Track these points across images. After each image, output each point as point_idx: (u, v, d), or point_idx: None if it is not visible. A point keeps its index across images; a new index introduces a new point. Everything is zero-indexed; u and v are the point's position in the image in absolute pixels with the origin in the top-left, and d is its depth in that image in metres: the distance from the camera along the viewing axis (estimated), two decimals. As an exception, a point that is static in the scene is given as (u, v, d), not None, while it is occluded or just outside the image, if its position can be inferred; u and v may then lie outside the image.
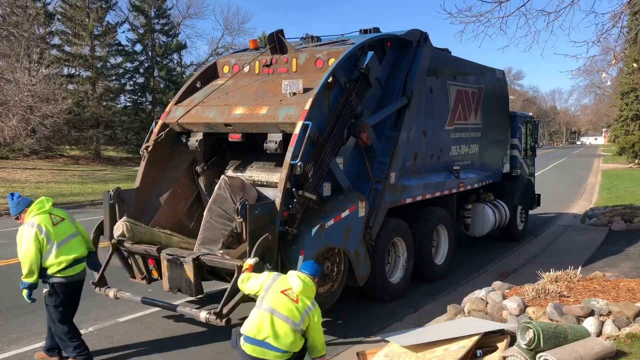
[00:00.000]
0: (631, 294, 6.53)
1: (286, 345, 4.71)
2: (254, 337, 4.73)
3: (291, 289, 4.88)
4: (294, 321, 4.75)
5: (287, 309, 4.76)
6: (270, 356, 4.70)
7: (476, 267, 10.35)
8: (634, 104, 46.54)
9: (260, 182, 7.63)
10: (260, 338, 4.71)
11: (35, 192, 22.79)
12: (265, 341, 4.70)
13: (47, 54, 34.67)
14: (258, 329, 4.73)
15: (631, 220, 13.56)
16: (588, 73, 42.31)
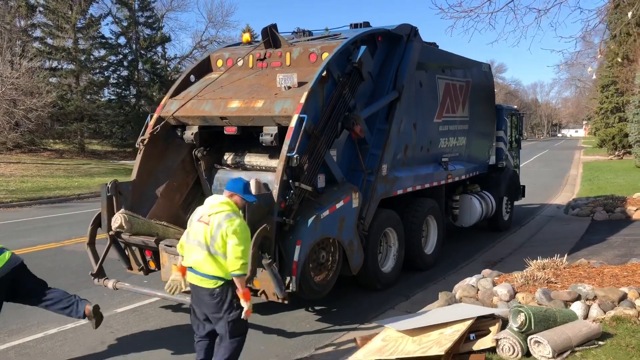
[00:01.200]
0: (615, 280, 6.81)
1: (209, 271, 4.79)
2: (188, 265, 4.96)
3: (204, 214, 4.95)
4: (206, 244, 4.79)
5: (198, 234, 4.86)
6: (200, 282, 4.85)
7: (464, 257, 10.61)
8: (613, 97, 47.36)
9: (259, 167, 7.80)
10: (189, 265, 4.95)
11: (20, 186, 22.71)
12: (192, 268, 4.90)
13: (29, 46, 34.28)
14: (188, 259, 4.96)
15: (613, 210, 13.92)
16: (570, 66, 42.91)
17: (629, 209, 13.73)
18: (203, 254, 4.82)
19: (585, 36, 7.98)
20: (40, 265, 10.02)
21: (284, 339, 6.54)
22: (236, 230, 4.77)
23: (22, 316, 7.38)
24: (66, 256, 10.74)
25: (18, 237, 12.74)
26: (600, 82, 48.75)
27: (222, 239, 4.75)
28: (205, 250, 4.81)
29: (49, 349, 6.32)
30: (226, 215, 4.85)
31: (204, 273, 4.83)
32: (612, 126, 45.47)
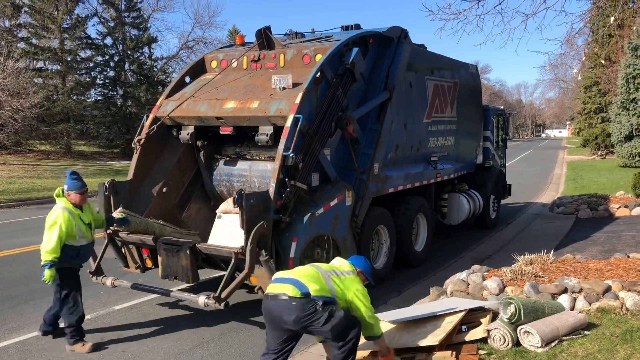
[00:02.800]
0: (600, 273, 7.07)
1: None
2: None
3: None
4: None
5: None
6: None
7: (453, 254, 10.83)
8: (596, 97, 48.11)
9: (259, 157, 7.99)
10: None
11: (8, 187, 22.61)
12: None
13: (15, 47, 34.04)
14: None
15: (596, 208, 14.24)
16: (555, 67, 43.46)
17: (611, 207, 14.07)
18: None
19: (569, 39, 8.23)
20: (34, 265, 10.04)
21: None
22: None
23: (20, 314, 7.48)
24: (60, 256, 10.77)
25: (9, 238, 12.77)
26: (583, 83, 49.48)
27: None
28: None
29: (49, 346, 6.41)
30: None
31: None
32: (595, 126, 46.17)
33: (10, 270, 9.77)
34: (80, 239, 6.26)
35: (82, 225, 6.23)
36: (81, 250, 6.34)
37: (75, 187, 6.24)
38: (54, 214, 6.11)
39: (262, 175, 7.83)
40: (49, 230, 6.06)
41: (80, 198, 6.25)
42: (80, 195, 6.25)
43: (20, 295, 8.28)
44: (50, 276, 6.07)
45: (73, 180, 6.26)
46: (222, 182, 8.31)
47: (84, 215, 6.32)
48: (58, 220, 6.04)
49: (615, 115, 29.44)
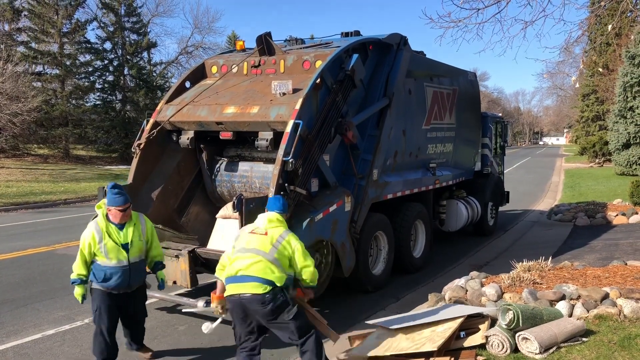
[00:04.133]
0: (597, 280, 7.09)
1: (262, 274, 4.85)
2: (232, 275, 4.96)
3: (258, 227, 5.15)
4: (265, 252, 4.91)
5: (257, 243, 4.98)
6: (246, 288, 4.84)
7: (451, 260, 10.85)
8: (594, 106, 48.26)
9: (259, 158, 8.05)
10: (235, 274, 4.94)
11: (5, 190, 22.60)
12: (239, 275, 4.90)
13: (14, 51, 34.09)
14: (235, 268, 4.96)
15: (594, 216, 14.28)
16: (552, 75, 43.61)
17: (609, 215, 14.11)
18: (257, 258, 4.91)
19: (568, 47, 8.29)
20: (33, 268, 10.13)
21: (278, 338, 6.68)
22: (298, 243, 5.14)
23: (18, 318, 7.47)
24: (58, 259, 10.79)
25: (8, 242, 12.75)
26: (581, 91, 49.64)
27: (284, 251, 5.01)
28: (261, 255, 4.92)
29: (48, 349, 6.40)
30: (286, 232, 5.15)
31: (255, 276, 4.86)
32: (592, 134, 46.32)
33: (9, 274, 9.76)
34: (108, 259, 5.51)
35: (110, 244, 5.48)
36: (108, 272, 5.52)
37: (115, 202, 5.53)
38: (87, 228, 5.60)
39: (263, 177, 7.86)
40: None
41: (120, 215, 5.54)
42: (121, 212, 5.53)
43: (19, 299, 8.27)
44: (77, 294, 5.63)
45: (114, 195, 5.55)
46: (223, 183, 8.34)
47: (122, 234, 5.57)
48: (85, 235, 5.56)
49: (613, 124, 29.53)
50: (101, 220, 5.57)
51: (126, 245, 5.57)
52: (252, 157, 8.18)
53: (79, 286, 5.60)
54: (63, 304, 8.02)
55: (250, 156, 8.20)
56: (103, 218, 5.58)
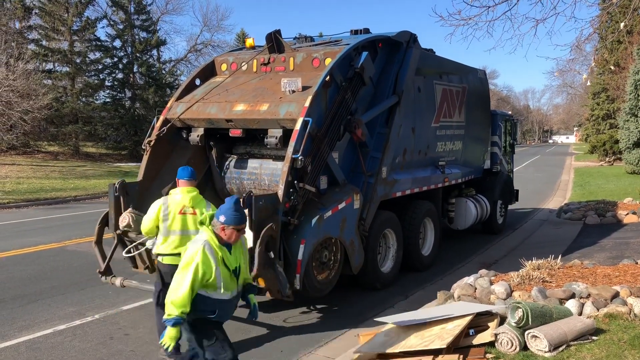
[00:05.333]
0: (608, 279, 7.06)
1: None
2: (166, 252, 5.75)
3: (185, 206, 5.80)
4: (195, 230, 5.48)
5: (191, 224, 5.77)
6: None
7: (460, 258, 10.83)
8: (604, 104, 47.93)
9: (269, 155, 8.09)
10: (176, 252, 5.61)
11: (16, 187, 22.78)
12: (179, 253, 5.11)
13: (25, 48, 34.31)
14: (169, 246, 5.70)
15: (604, 214, 14.20)
16: (562, 73, 43.43)
17: (619, 213, 14.02)
18: None
19: (579, 44, 8.25)
20: (44, 264, 10.22)
21: (288, 335, 6.73)
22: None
23: (29, 313, 7.54)
24: (69, 256, 10.88)
25: (19, 238, 12.87)
26: (591, 89, 49.32)
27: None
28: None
29: (59, 344, 6.46)
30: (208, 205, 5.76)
31: None
32: (602, 133, 46.02)
33: (20, 269, 9.85)
34: (221, 290, 4.35)
35: (224, 272, 4.36)
36: (219, 307, 4.40)
37: (235, 220, 4.38)
38: (191, 249, 4.32)
39: (272, 174, 7.89)
40: (181, 271, 4.26)
41: (236, 235, 4.43)
42: (238, 232, 4.44)
43: (30, 295, 8.35)
44: (171, 338, 4.21)
45: (235, 213, 4.40)
46: (232, 180, 8.38)
47: (231, 258, 4.44)
48: (195, 259, 4.23)
49: (624, 122, 29.33)
50: (214, 240, 4.36)
51: (236, 272, 4.52)
52: (262, 155, 8.21)
53: (177, 328, 4.24)
54: (74, 300, 8.09)
55: (260, 153, 8.23)
56: (214, 237, 4.38)
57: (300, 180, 6.80)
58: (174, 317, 4.16)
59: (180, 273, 4.21)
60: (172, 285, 4.23)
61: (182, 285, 4.16)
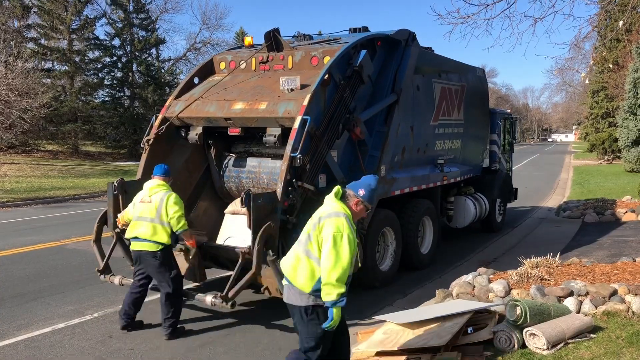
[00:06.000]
0: (606, 277, 7.08)
1: (157, 239, 6.34)
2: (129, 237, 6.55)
3: (145, 195, 6.50)
4: (152, 218, 6.35)
5: (145, 211, 6.42)
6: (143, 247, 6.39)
7: (459, 257, 10.84)
8: (603, 102, 47.82)
9: (267, 154, 8.08)
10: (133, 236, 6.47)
11: (16, 186, 22.76)
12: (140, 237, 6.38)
13: (23, 47, 34.27)
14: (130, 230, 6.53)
15: (603, 212, 14.22)
16: (561, 72, 43.42)
17: (618, 212, 14.04)
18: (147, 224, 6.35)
19: (577, 43, 8.25)
20: (43, 263, 10.22)
21: (287, 333, 6.73)
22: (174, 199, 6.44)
23: (29, 311, 7.54)
24: (68, 254, 10.88)
25: (18, 236, 12.86)
26: (590, 88, 49.21)
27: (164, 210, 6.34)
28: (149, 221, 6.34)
29: (58, 342, 6.46)
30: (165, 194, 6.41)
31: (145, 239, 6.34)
32: (601, 131, 45.94)
33: (19, 268, 9.85)
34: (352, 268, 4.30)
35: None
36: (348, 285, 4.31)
37: (372, 199, 4.44)
38: (333, 223, 4.15)
39: (271, 172, 7.89)
40: (333, 248, 4.08)
41: (364, 214, 4.51)
42: (366, 211, 4.50)
43: (29, 293, 8.35)
44: (339, 318, 4.20)
45: (373, 191, 4.45)
46: (231, 179, 8.38)
47: None
48: (344, 231, 4.10)
49: (623, 120, 29.32)
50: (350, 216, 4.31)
51: None
52: (260, 153, 8.20)
53: (340, 307, 4.16)
54: (73, 298, 8.09)
55: (259, 152, 8.23)
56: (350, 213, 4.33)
57: (298, 178, 6.80)
58: (343, 294, 4.07)
59: (333, 249, 4.06)
60: (326, 264, 4.06)
61: (341, 260, 4.05)
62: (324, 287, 4.09)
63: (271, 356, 6.09)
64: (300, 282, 4.25)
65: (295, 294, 4.32)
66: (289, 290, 4.40)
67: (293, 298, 4.36)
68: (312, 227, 4.30)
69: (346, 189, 4.45)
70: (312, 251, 4.23)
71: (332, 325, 4.16)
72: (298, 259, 4.31)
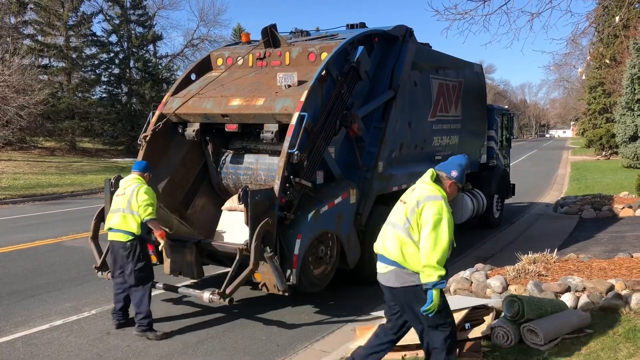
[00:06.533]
0: (603, 273, 7.09)
1: (126, 228, 6.40)
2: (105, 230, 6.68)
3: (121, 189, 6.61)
4: (123, 209, 6.42)
5: (118, 203, 6.50)
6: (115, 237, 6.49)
7: (456, 253, 10.71)
8: (601, 98, 47.85)
9: (265, 150, 8.08)
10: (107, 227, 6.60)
11: (13, 183, 22.72)
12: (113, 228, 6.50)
13: (20, 43, 34.15)
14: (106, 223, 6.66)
15: (600, 208, 14.23)
16: (558, 67, 43.39)
17: (615, 207, 14.06)
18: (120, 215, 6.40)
19: (574, 38, 8.25)
20: (41, 260, 10.21)
21: (284, 329, 6.75)
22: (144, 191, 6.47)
23: (26, 308, 7.53)
24: (65, 251, 10.87)
25: (15, 233, 12.84)
26: (588, 84, 49.23)
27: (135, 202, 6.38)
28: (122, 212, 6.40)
29: (55, 340, 6.45)
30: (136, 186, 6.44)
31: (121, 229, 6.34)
32: (599, 127, 45.95)
33: (17, 265, 9.84)
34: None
35: None
36: None
37: (463, 179, 4.62)
38: (434, 206, 4.27)
39: (269, 169, 7.88)
40: (432, 230, 4.21)
41: (454, 195, 4.66)
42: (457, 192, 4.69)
43: (26, 290, 8.34)
44: (439, 299, 4.28)
45: (464, 171, 4.62)
46: (229, 175, 8.37)
47: None
48: (443, 214, 4.25)
49: (620, 116, 29.36)
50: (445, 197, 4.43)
51: None
52: (258, 150, 8.19)
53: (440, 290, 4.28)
54: (70, 295, 8.09)
55: (256, 148, 8.22)
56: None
57: (296, 175, 6.78)
58: (443, 276, 4.18)
59: (433, 232, 4.20)
60: (427, 247, 4.19)
61: (440, 242, 4.17)
62: (424, 270, 4.21)
63: (268, 353, 6.09)
64: (412, 263, 4.36)
65: (405, 274, 4.40)
66: (396, 273, 4.45)
67: (402, 280, 4.42)
68: (411, 211, 4.40)
69: (438, 171, 4.57)
70: (412, 234, 4.36)
71: (432, 308, 4.24)
72: (403, 241, 4.41)
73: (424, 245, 4.22)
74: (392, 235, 4.53)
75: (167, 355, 6.01)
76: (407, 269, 4.39)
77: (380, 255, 4.62)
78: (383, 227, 4.78)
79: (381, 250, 4.62)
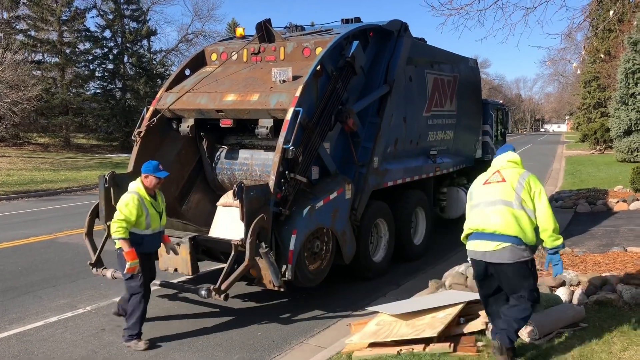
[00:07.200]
0: (597, 267, 7.12)
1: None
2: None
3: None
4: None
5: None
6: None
7: (451, 247, 10.82)
8: (596, 92, 48.04)
9: (260, 146, 8.05)
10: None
11: (7, 179, 22.63)
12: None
13: (13, 39, 33.95)
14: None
15: (595, 202, 14.26)
16: (553, 62, 43.49)
17: (610, 202, 14.10)
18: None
19: (570, 33, 8.26)
20: (35, 256, 10.17)
21: (280, 325, 6.74)
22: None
23: (20, 305, 7.51)
24: (60, 247, 10.84)
25: (9, 230, 12.79)
26: (582, 78, 49.41)
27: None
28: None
29: (50, 336, 6.43)
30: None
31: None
32: (594, 121, 46.13)
33: (11, 262, 9.80)
34: None
35: None
36: None
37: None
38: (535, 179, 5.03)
39: (264, 164, 7.86)
40: (546, 200, 4.95)
41: None
42: None
43: (21, 287, 8.32)
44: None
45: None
46: (224, 171, 8.35)
47: None
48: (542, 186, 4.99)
49: (614, 110, 29.43)
50: None
51: None
52: (253, 145, 8.17)
53: None
54: (65, 292, 8.06)
55: (251, 144, 8.20)
56: None
57: (291, 170, 6.77)
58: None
59: (546, 201, 4.85)
60: (547, 214, 4.79)
61: (551, 209, 4.83)
62: (552, 234, 4.78)
63: (264, 348, 6.09)
64: (529, 237, 4.75)
65: (520, 250, 4.76)
66: (512, 250, 4.75)
67: (518, 255, 4.77)
68: (518, 186, 4.83)
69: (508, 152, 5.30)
70: (527, 207, 4.77)
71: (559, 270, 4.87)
72: (518, 216, 4.75)
73: (545, 212, 4.76)
74: (502, 211, 4.80)
75: (163, 352, 6.00)
76: (522, 245, 4.73)
77: (489, 234, 4.85)
78: (477, 209, 5.15)
79: (490, 228, 4.83)
